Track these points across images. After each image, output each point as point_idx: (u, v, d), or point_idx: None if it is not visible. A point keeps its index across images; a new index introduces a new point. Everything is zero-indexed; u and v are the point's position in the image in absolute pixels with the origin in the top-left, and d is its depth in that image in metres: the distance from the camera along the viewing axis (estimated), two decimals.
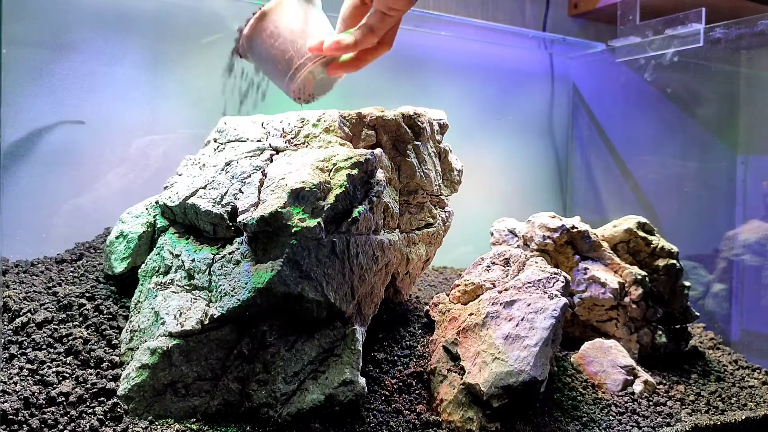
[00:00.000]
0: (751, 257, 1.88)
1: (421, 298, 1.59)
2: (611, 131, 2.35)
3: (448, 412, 1.16)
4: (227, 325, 1.07)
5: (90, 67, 1.60)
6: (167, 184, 1.34)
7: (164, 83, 1.71)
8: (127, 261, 1.28)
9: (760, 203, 1.91)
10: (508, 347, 1.17)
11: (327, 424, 1.06)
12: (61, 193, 1.59)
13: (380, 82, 2.03)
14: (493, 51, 2.29)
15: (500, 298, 1.27)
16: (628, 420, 1.27)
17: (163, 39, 1.70)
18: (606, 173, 2.36)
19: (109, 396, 1.02)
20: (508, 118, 2.33)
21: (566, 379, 1.35)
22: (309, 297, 1.06)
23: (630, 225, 1.61)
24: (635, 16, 2.15)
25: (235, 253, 1.10)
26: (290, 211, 1.05)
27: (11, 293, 1.20)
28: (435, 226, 1.43)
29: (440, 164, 1.48)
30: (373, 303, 1.21)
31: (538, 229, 1.54)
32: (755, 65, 1.94)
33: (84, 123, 1.60)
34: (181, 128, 1.72)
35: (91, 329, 1.16)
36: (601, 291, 1.49)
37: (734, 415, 1.37)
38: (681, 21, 2.01)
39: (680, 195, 2.15)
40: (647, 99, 2.22)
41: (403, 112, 1.36)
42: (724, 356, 1.68)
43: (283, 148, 1.23)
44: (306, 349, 1.08)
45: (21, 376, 1.02)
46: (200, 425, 1.02)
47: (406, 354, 1.30)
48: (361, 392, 1.09)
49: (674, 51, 2.05)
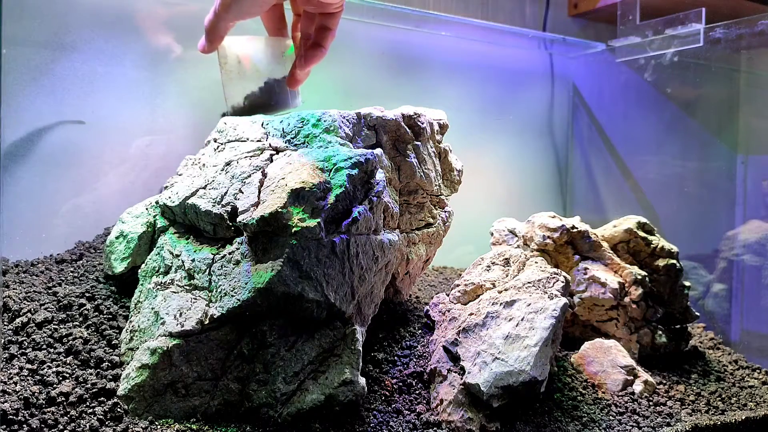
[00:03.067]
0: (751, 257, 1.88)
1: (421, 298, 1.59)
2: (611, 131, 2.35)
3: (448, 412, 1.16)
4: (227, 325, 1.07)
5: (90, 67, 1.60)
6: (167, 184, 1.34)
7: (164, 83, 1.71)
8: (127, 261, 1.28)
9: (760, 203, 1.91)
10: (508, 347, 1.17)
11: (327, 424, 1.06)
12: (61, 193, 1.59)
13: (380, 82, 2.03)
14: (493, 51, 2.29)
15: (500, 298, 1.27)
16: (628, 420, 1.27)
17: (163, 39, 1.70)
18: (606, 173, 2.36)
19: (109, 396, 1.02)
20: (508, 118, 2.33)
21: (566, 379, 1.35)
22: (309, 297, 1.06)
23: (630, 225, 1.61)
24: (635, 16, 2.15)
25: (235, 253, 1.10)
26: (290, 211, 1.05)
27: (11, 293, 1.20)
28: (435, 226, 1.43)
29: (440, 164, 1.48)
30: (373, 303, 1.21)
31: (538, 229, 1.54)
32: (755, 65, 1.94)
33: (84, 123, 1.60)
34: (181, 128, 1.72)
35: (91, 329, 1.16)
36: (601, 291, 1.49)
37: (734, 415, 1.37)
38: (681, 21, 2.01)
39: (680, 195, 2.15)
40: (647, 99, 2.22)
41: (403, 112, 1.36)
42: (724, 356, 1.68)
43: (283, 148, 1.23)
44: (306, 349, 1.08)
45: (21, 376, 1.02)
46: (200, 425, 1.02)
47: (406, 354, 1.30)
48: (361, 392, 1.09)
49: (674, 51, 2.05)
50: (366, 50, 2.01)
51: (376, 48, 2.02)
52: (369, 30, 2.00)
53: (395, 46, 2.06)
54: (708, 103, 2.12)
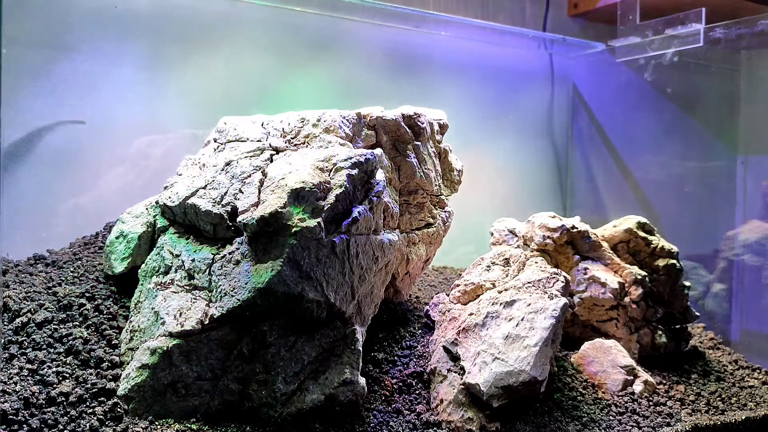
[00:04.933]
0: (751, 257, 1.88)
1: (421, 298, 1.59)
2: (611, 131, 2.35)
3: (448, 412, 1.16)
4: (227, 325, 1.07)
5: (90, 67, 1.60)
6: (167, 184, 1.34)
7: (164, 83, 1.71)
8: (127, 261, 1.28)
9: (760, 203, 1.91)
10: (508, 347, 1.17)
11: (327, 424, 1.06)
12: (61, 193, 1.59)
13: (380, 82, 2.03)
14: (493, 51, 2.29)
15: (500, 298, 1.27)
16: (628, 420, 1.27)
17: (163, 39, 1.70)
18: (606, 173, 2.36)
19: (109, 396, 1.02)
20: (508, 119, 2.33)
21: (566, 379, 1.35)
22: (309, 297, 1.06)
23: (630, 225, 1.61)
24: (635, 16, 2.15)
25: (235, 253, 1.10)
26: (290, 211, 1.05)
27: (11, 293, 1.20)
28: (435, 226, 1.43)
29: (440, 164, 1.48)
30: (373, 303, 1.21)
31: (538, 229, 1.54)
32: (755, 65, 1.94)
33: (84, 123, 1.60)
34: (181, 128, 1.72)
35: (91, 329, 1.16)
36: (601, 291, 1.49)
37: (734, 415, 1.37)
38: (681, 21, 2.01)
39: (680, 195, 2.15)
40: (647, 99, 2.22)
41: (403, 112, 1.36)
42: (724, 356, 1.68)
43: (283, 148, 1.23)
44: (306, 349, 1.08)
45: (21, 376, 1.02)
46: (200, 425, 1.02)
47: (406, 354, 1.30)
48: (361, 392, 1.09)
49: (674, 51, 2.05)
50: (366, 50, 2.01)
51: (376, 48, 2.02)
52: (369, 30, 2.00)
53: (395, 46, 2.06)
54: (708, 103, 2.12)
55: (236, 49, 1.79)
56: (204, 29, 1.74)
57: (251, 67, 1.82)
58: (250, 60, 1.82)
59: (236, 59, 1.79)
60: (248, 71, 1.82)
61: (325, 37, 1.93)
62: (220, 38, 1.77)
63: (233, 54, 1.79)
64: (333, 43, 1.95)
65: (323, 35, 1.93)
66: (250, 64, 1.82)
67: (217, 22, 1.76)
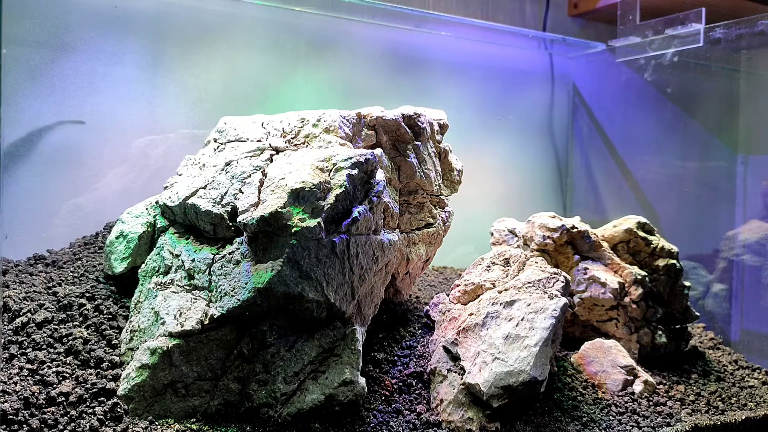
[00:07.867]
0: (751, 257, 1.88)
1: (421, 298, 1.59)
2: (611, 131, 2.35)
3: (448, 412, 1.16)
4: (227, 325, 1.07)
5: (90, 67, 1.60)
6: (167, 184, 1.34)
7: (164, 83, 1.71)
8: (127, 261, 1.28)
9: (760, 203, 1.91)
10: (508, 347, 1.17)
11: (327, 424, 1.06)
12: (61, 193, 1.59)
13: (380, 82, 2.03)
14: (493, 51, 2.29)
15: (500, 298, 1.27)
16: (628, 420, 1.27)
17: (163, 39, 1.70)
18: (606, 173, 2.36)
19: (109, 396, 1.02)
20: (508, 118, 2.33)
21: (566, 379, 1.35)
22: (309, 297, 1.06)
23: (630, 225, 1.61)
24: (635, 16, 2.15)
25: (235, 253, 1.10)
26: (290, 211, 1.05)
27: (11, 293, 1.20)
28: (435, 226, 1.43)
29: (440, 164, 1.48)
30: (373, 303, 1.21)
31: (538, 229, 1.54)
32: (755, 65, 1.94)
33: (84, 123, 1.60)
34: (181, 128, 1.72)
35: (91, 329, 1.16)
36: (601, 291, 1.49)
37: (734, 415, 1.37)
38: (681, 21, 2.01)
39: (680, 195, 2.15)
40: (647, 99, 2.22)
41: (403, 112, 1.36)
42: (724, 356, 1.68)
43: (283, 148, 1.23)
44: (306, 349, 1.08)
45: (21, 376, 1.02)
46: (200, 425, 1.02)
47: (406, 354, 1.30)
48: (361, 392, 1.09)
49: (674, 51, 2.05)
50: (366, 50, 2.01)
51: (376, 48, 2.02)
52: (369, 30, 2.00)
53: (395, 46, 2.06)
54: (708, 103, 2.12)
55: (236, 49, 1.79)
56: (204, 29, 1.74)
57: (251, 67, 1.82)
58: (250, 60, 1.82)
59: (236, 59, 1.79)
60: (248, 71, 1.82)
61: (325, 37, 1.93)
62: (219, 38, 1.77)
63: (233, 54, 1.79)
64: (333, 43, 1.95)
65: (323, 35, 1.93)
66: (250, 63, 1.82)
67: (217, 22, 1.76)
